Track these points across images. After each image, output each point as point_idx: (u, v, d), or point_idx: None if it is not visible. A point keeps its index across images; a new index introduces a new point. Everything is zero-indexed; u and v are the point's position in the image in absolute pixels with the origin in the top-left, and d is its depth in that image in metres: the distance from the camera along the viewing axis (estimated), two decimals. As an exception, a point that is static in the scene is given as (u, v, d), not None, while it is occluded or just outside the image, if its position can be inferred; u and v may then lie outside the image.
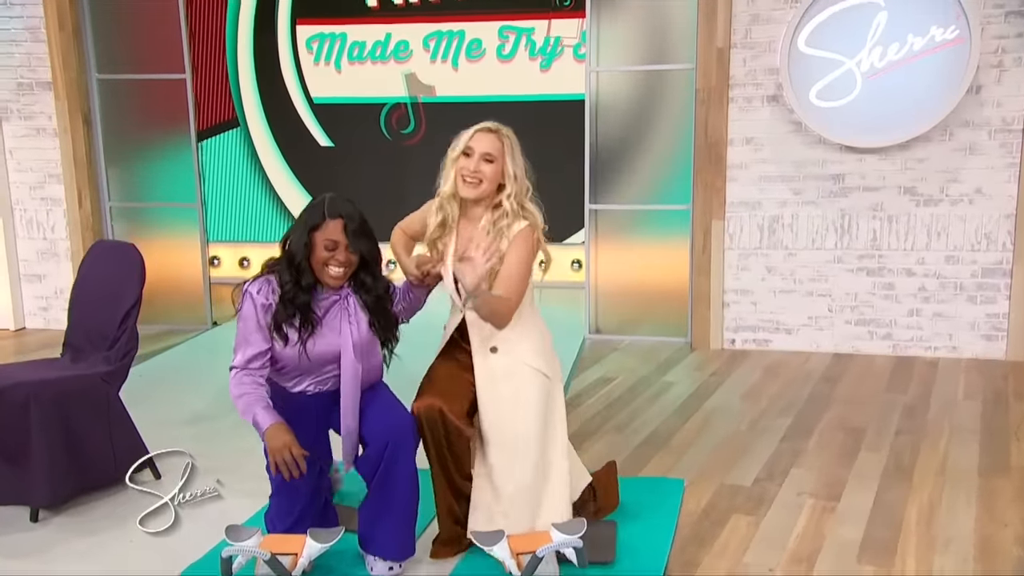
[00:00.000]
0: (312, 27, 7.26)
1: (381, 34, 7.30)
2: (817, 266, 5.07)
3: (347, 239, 2.44)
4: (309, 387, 2.57)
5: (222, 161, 7.48)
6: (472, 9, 7.22)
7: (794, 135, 4.96)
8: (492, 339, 2.60)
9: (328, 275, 2.46)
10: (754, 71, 4.95)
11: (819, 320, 5.11)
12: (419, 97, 7.32)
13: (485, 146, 2.54)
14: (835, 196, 4.97)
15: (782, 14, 4.81)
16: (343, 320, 2.50)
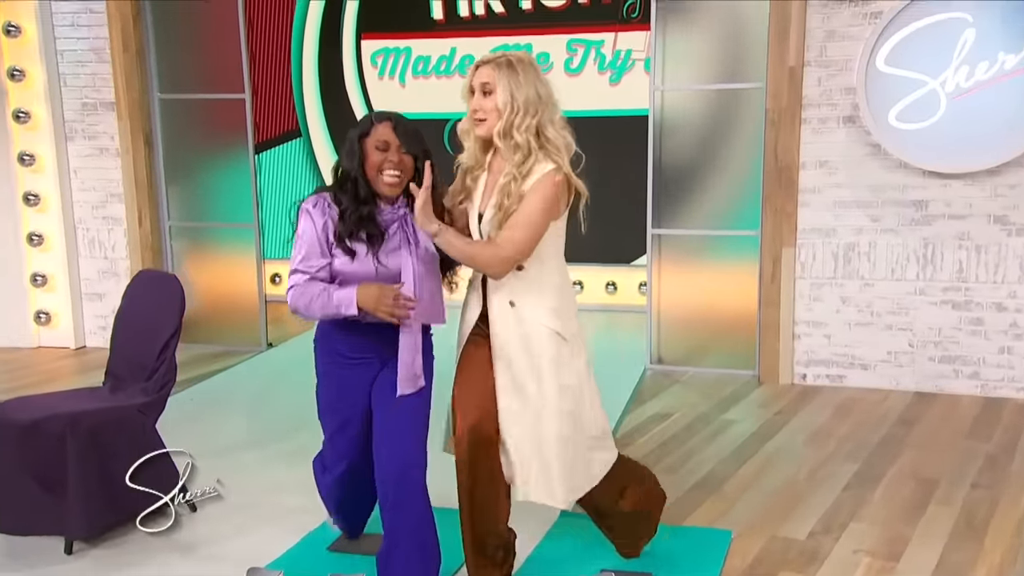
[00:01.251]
0: (377, 42, 7.44)
1: (446, 48, 7.43)
2: (897, 298, 4.91)
3: (398, 139, 2.49)
4: None
5: (284, 174, 7.71)
6: (540, 22, 7.27)
7: (871, 158, 4.82)
8: (514, 294, 2.53)
9: (384, 183, 2.49)
10: (829, 91, 4.84)
11: (899, 356, 4.94)
12: (485, 113, 7.46)
13: (481, 78, 2.45)
14: (917, 224, 4.81)
15: (859, 31, 4.69)
16: (403, 240, 2.54)
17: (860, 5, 4.69)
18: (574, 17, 7.20)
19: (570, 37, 7.26)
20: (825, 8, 4.76)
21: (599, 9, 7.08)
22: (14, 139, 5.70)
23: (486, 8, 7.25)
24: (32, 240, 5.79)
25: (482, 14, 7.27)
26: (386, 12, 7.32)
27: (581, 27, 7.21)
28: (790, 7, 4.78)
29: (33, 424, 2.89)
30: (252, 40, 7.38)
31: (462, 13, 7.29)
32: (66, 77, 5.70)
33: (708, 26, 5.21)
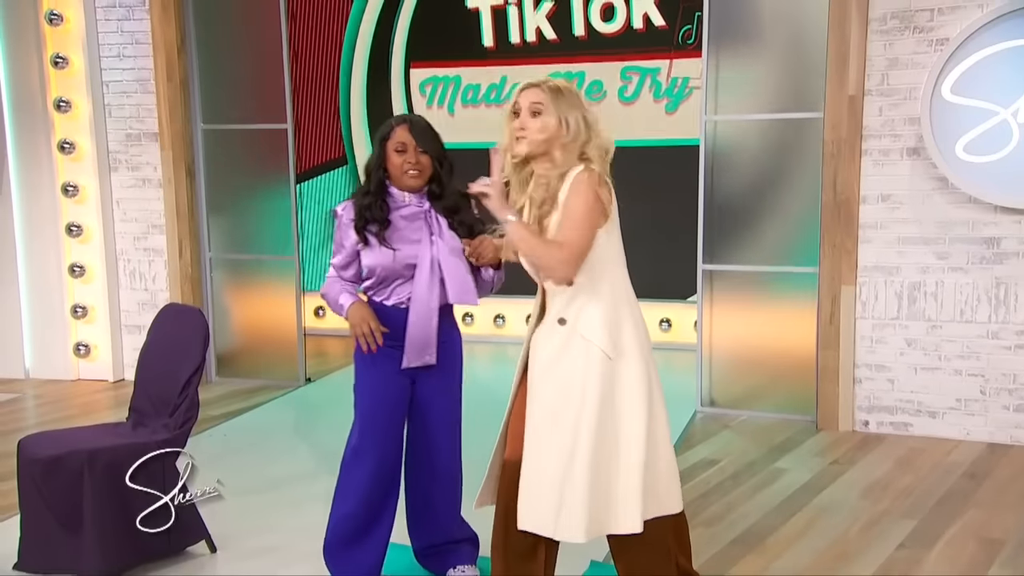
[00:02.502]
0: (426, 70, 7.58)
1: (496, 76, 7.53)
2: (967, 341, 4.76)
3: (415, 139, 2.89)
4: (403, 299, 2.91)
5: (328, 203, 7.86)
6: (593, 49, 7.33)
7: (938, 193, 4.71)
8: (564, 309, 2.59)
9: (408, 177, 2.89)
10: (892, 121, 4.76)
11: (970, 403, 4.79)
12: (534, 142, 7.51)
13: (529, 99, 2.63)
14: (988, 262, 4.67)
15: (924, 58, 4.62)
16: (424, 232, 2.90)
17: (925, 32, 4.62)
18: (628, 44, 7.23)
19: (624, 64, 7.30)
20: (887, 35, 4.70)
21: (654, 35, 7.10)
22: (59, 170, 5.95)
23: (538, 35, 7.33)
24: (74, 271, 6.01)
25: (533, 41, 7.36)
26: (435, 40, 7.46)
27: (636, 54, 7.23)
28: (850, 34, 4.73)
29: (52, 460, 2.98)
30: (298, 70, 7.59)
31: (513, 40, 7.39)
32: (111, 108, 5.94)
33: (763, 53, 5.19)
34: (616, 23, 7.28)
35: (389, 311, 2.92)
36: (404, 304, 2.91)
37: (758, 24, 5.18)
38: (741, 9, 5.15)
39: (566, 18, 7.27)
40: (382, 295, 2.94)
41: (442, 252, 2.88)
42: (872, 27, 4.71)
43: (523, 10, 7.34)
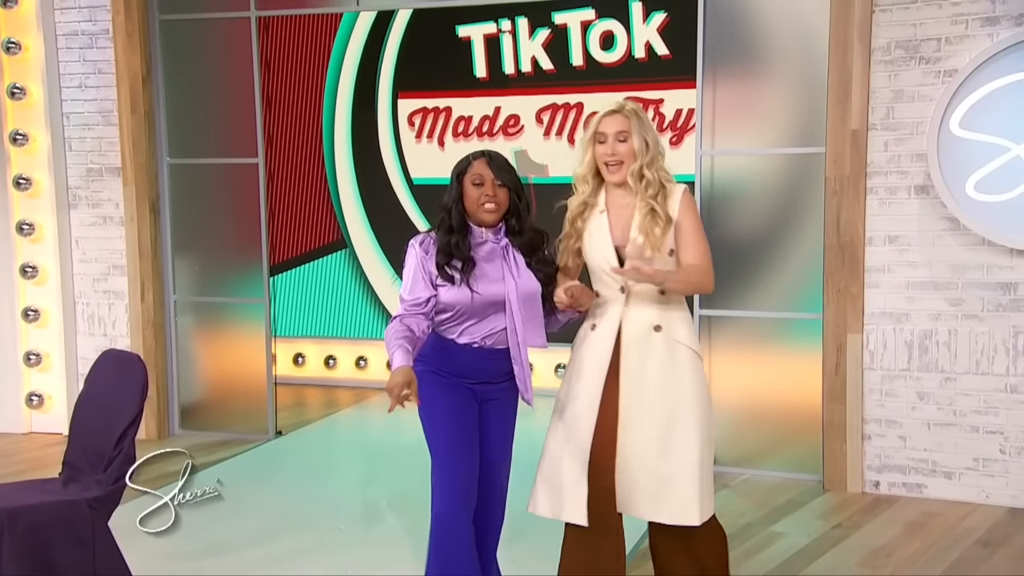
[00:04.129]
0: (415, 100, 7.67)
1: (489, 107, 7.62)
2: (984, 395, 4.73)
3: (492, 173, 3.02)
4: (476, 339, 3.04)
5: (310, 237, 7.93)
6: (592, 79, 7.41)
7: (950, 234, 4.71)
8: (659, 316, 3.01)
9: (484, 211, 3.01)
10: (898, 157, 4.78)
11: (988, 464, 4.74)
12: (530, 177, 7.51)
13: (615, 127, 3.00)
14: (1005, 309, 4.65)
15: (931, 90, 4.65)
16: (504, 267, 3.02)
17: (932, 63, 4.65)
18: (630, 74, 7.30)
19: (625, 94, 7.36)
20: (892, 65, 4.74)
21: (657, 65, 7.18)
22: (14, 207, 6.01)
23: (533, 64, 7.42)
24: (28, 316, 6.05)
25: (529, 71, 7.45)
26: (425, 69, 7.56)
27: (637, 84, 7.30)
28: (852, 64, 4.77)
29: (-30, 519, 2.98)
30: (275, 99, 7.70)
31: (507, 70, 7.48)
32: (71, 141, 6.03)
33: (762, 83, 5.23)
34: (616, 52, 7.36)
35: (458, 349, 3.05)
36: (476, 343, 3.04)
37: (756, 52, 5.23)
38: (738, 36, 5.20)
39: (563, 47, 7.36)
40: (454, 333, 3.05)
41: (521, 292, 3.02)
42: (875, 57, 4.75)
43: (518, 39, 7.44)
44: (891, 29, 4.70)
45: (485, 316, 3.03)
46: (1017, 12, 4.40)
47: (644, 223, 2.98)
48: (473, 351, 3.04)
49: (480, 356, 3.06)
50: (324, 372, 7.68)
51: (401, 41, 7.54)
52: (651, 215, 2.97)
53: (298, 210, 7.83)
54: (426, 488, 3.06)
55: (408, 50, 7.54)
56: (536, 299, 3.05)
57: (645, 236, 2.97)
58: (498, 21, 7.37)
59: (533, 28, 7.36)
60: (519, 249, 3.05)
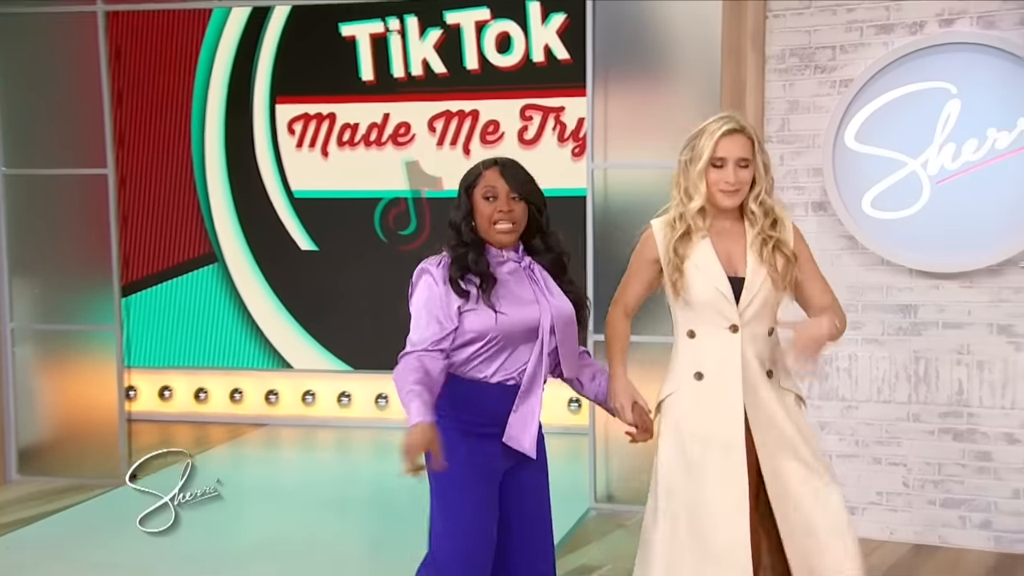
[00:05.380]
0: (295, 106, 7.56)
1: (377, 114, 7.54)
2: (885, 425, 4.81)
3: (507, 184, 2.77)
4: (512, 374, 2.79)
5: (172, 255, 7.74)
6: (488, 85, 7.40)
7: (848, 253, 4.79)
8: (769, 361, 2.89)
9: (497, 232, 2.77)
10: (794, 171, 4.85)
11: (891, 497, 4.81)
12: (423, 191, 7.48)
13: (738, 151, 2.82)
14: (905, 333, 4.74)
15: (827, 101, 4.73)
16: (535, 288, 2.81)
17: (827, 72, 4.73)
18: (529, 79, 7.32)
19: (524, 101, 7.38)
20: (787, 74, 4.81)
21: (557, 70, 7.20)
22: None
23: (424, 68, 7.38)
24: None
25: (420, 75, 7.41)
26: (305, 72, 7.46)
27: (537, 90, 7.32)
28: (746, 73, 4.83)
29: None
30: (132, 102, 7.52)
31: (396, 74, 7.43)
32: None
33: (658, 94, 5.27)
34: (513, 56, 7.37)
35: (490, 390, 2.79)
36: (512, 380, 2.78)
37: (651, 59, 5.26)
38: (631, 42, 5.23)
39: (456, 49, 7.34)
40: (484, 371, 2.79)
41: (559, 315, 2.80)
42: (770, 65, 4.81)
43: (407, 39, 7.40)
44: (785, 36, 4.77)
45: (520, 346, 2.78)
46: (911, 20, 4.50)
47: (768, 256, 2.83)
48: (508, 390, 2.78)
49: (515, 395, 2.80)
50: (194, 407, 7.49)
51: (279, 41, 7.43)
52: (774, 248, 2.84)
53: (160, 220, 7.61)
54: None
55: (286, 51, 7.44)
56: (573, 323, 2.86)
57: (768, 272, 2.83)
58: (385, 20, 7.33)
59: (423, 28, 7.33)
60: (548, 267, 2.86)
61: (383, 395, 7.30)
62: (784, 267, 2.85)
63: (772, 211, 2.88)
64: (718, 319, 2.84)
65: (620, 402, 2.92)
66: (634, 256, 3.01)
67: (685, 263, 2.86)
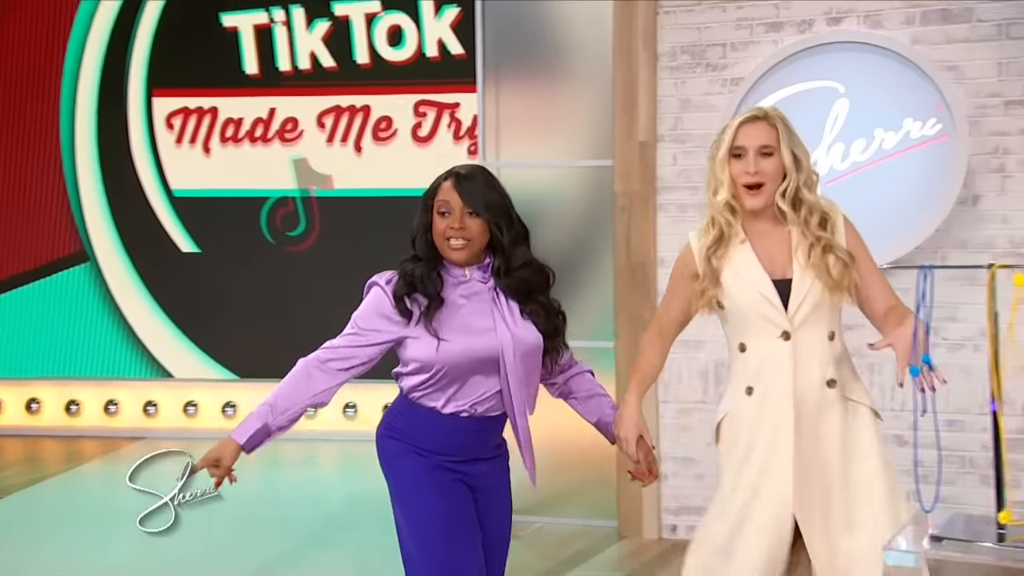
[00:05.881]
0: (173, 99, 7.43)
1: (263, 109, 7.45)
2: (785, 430, 4.92)
3: (461, 198, 2.61)
4: (464, 406, 2.65)
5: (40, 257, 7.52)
6: (380, 79, 7.37)
7: (743, 254, 4.90)
8: (833, 369, 2.69)
9: (450, 248, 2.63)
10: (687, 171, 4.93)
11: (786, 502, 4.92)
12: (311, 189, 7.41)
13: (758, 139, 2.71)
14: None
15: (719, 99, 4.82)
16: (496, 314, 2.65)
17: (718, 70, 4.82)
18: (422, 74, 7.31)
19: (417, 97, 7.37)
20: (678, 72, 4.88)
21: (451, 65, 7.21)
22: None
23: (312, 61, 7.32)
24: None
25: (307, 68, 7.34)
26: (184, 63, 7.34)
27: (430, 86, 7.32)
28: (638, 71, 4.90)
29: None
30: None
31: (282, 67, 7.35)
32: None
33: (550, 90, 5.31)
34: (405, 50, 7.36)
35: (444, 421, 2.66)
36: (466, 412, 2.66)
37: (542, 55, 5.30)
38: (521, 37, 5.27)
39: (346, 42, 7.30)
40: (436, 400, 2.67)
41: (520, 346, 2.64)
42: (661, 63, 4.88)
43: (292, 31, 7.33)
44: (676, 33, 4.84)
45: (472, 377, 2.65)
46: (800, 18, 4.62)
47: (817, 259, 2.67)
48: (463, 422, 2.66)
49: (471, 427, 2.68)
50: (65, 420, 7.29)
51: (155, 30, 7.30)
52: (825, 250, 2.68)
53: (25, 215, 7.40)
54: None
55: (164, 39, 7.31)
56: (537, 356, 2.70)
57: (818, 275, 2.67)
58: (270, 10, 7.26)
59: (311, 19, 7.27)
60: (510, 294, 2.69)
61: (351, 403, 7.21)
62: (841, 272, 2.68)
63: (817, 208, 2.72)
64: (767, 327, 2.69)
65: (625, 433, 2.78)
66: (673, 272, 2.91)
67: (723, 272, 2.73)
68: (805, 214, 2.71)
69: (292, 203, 7.52)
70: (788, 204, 2.71)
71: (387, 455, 2.76)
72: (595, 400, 2.94)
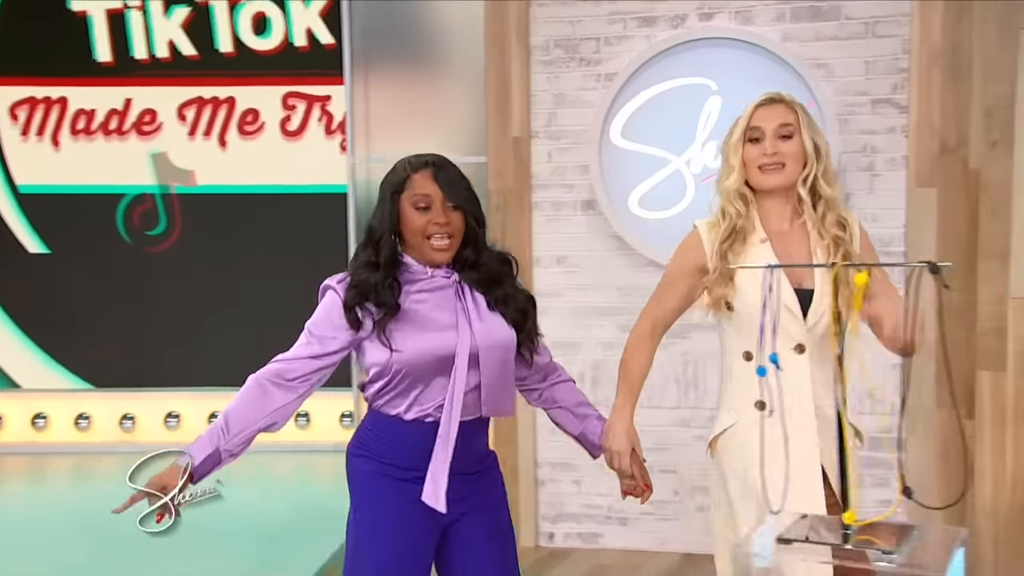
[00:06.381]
0: (17, 88, 7.17)
1: (118, 99, 7.22)
2: (657, 432, 5.01)
3: (442, 191, 2.53)
4: (427, 409, 2.55)
5: None
6: (245, 69, 7.24)
7: (618, 254, 4.97)
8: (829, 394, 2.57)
9: (433, 248, 2.52)
10: (562, 169, 4.99)
11: (663, 506, 5.02)
12: (172, 186, 7.23)
13: (776, 119, 2.64)
14: (674, 336, 4.94)
15: (593, 94, 4.89)
16: (459, 308, 2.55)
17: (592, 65, 4.89)
18: (290, 64, 7.20)
19: (286, 89, 7.28)
20: (552, 67, 4.93)
21: (321, 56, 7.13)
22: None
23: (171, 49, 7.14)
24: None
25: (166, 56, 7.15)
26: (29, 49, 7.08)
27: (300, 77, 7.23)
28: (511, 65, 4.94)
29: None
30: None
31: (137, 55, 7.14)
32: None
33: (422, 85, 5.33)
34: (272, 39, 7.24)
35: (407, 429, 2.55)
36: (431, 417, 2.54)
37: (413, 47, 5.32)
38: (391, 28, 5.27)
39: (206, 29, 7.15)
40: (400, 406, 2.55)
41: (486, 343, 2.53)
42: (535, 56, 4.92)
43: (149, 16, 7.15)
44: (549, 26, 4.89)
45: (435, 378, 2.54)
46: (673, 13, 4.71)
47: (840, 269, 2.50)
48: (429, 428, 2.53)
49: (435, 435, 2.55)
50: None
51: (-4, 9, 7.05)
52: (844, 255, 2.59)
53: None
54: None
55: (5, 23, 7.05)
56: (509, 351, 2.59)
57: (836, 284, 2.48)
58: (122, -7, 7.08)
59: (168, 4, 7.08)
60: (476, 286, 2.59)
61: (129, 415, 7.02)
62: None
63: (835, 206, 2.65)
64: (782, 339, 2.57)
65: (618, 447, 2.74)
66: (674, 263, 2.81)
67: (737, 274, 2.65)
68: (823, 209, 2.65)
69: (151, 200, 7.33)
70: (808, 192, 2.65)
71: (353, 475, 2.65)
72: (580, 410, 2.90)
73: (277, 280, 6.77)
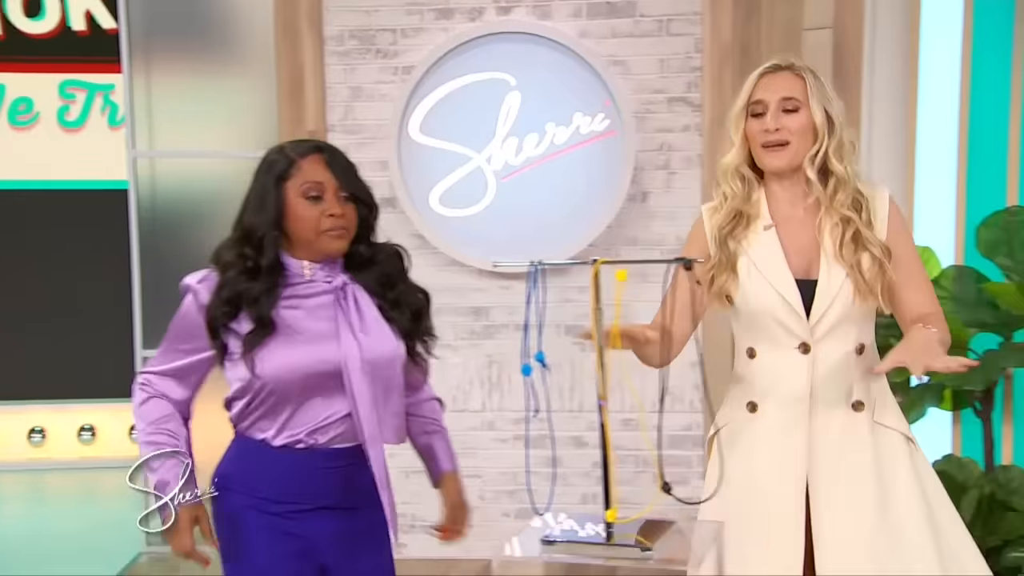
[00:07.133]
0: None
1: None
2: (462, 435, 5.08)
3: (335, 177, 2.40)
4: (298, 434, 2.38)
5: None
6: (17, 55, 7.04)
7: (420, 253, 5.00)
8: (860, 390, 2.50)
9: (328, 239, 2.37)
10: (360, 164, 4.94)
11: (469, 512, 5.15)
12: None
13: (780, 90, 2.49)
14: (479, 337, 5.10)
15: (390, 88, 4.97)
16: (341, 317, 2.38)
17: (389, 57, 4.95)
18: (67, 50, 7.07)
19: (64, 78, 7.12)
20: (347, 58, 4.96)
21: (102, 41, 7.00)
22: None
23: (-69, 31, 6.91)
24: None
25: (-75, 39, 6.92)
26: None
27: (79, 64, 7.08)
28: (304, 55, 4.96)
29: None
30: None
31: None
32: None
33: (210, 74, 5.29)
34: (47, 21, 7.10)
35: (275, 457, 2.39)
36: (302, 444, 2.38)
37: (200, 33, 5.27)
38: (176, 10, 5.22)
39: (-29, 10, 6.94)
40: (266, 429, 2.39)
41: (370, 357, 2.37)
42: (329, 47, 4.94)
43: (-95, -5, 6.88)
44: (343, 16, 4.91)
45: (309, 399, 2.37)
46: (471, 6, 4.80)
47: (849, 254, 2.45)
48: (300, 456, 2.38)
49: (313, 463, 2.40)
50: None
51: None
52: (857, 242, 2.44)
53: None
54: None
55: None
56: (394, 367, 2.44)
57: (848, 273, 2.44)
58: None
59: (-75, -18, 6.86)
60: (366, 288, 2.44)
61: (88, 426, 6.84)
62: (872, 269, 2.46)
63: (847, 183, 2.49)
64: (783, 336, 2.49)
65: None
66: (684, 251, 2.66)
67: (739, 260, 2.54)
68: (833, 186, 2.50)
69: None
70: (815, 171, 2.50)
71: (218, 519, 2.48)
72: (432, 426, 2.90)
73: (52, 281, 6.62)
